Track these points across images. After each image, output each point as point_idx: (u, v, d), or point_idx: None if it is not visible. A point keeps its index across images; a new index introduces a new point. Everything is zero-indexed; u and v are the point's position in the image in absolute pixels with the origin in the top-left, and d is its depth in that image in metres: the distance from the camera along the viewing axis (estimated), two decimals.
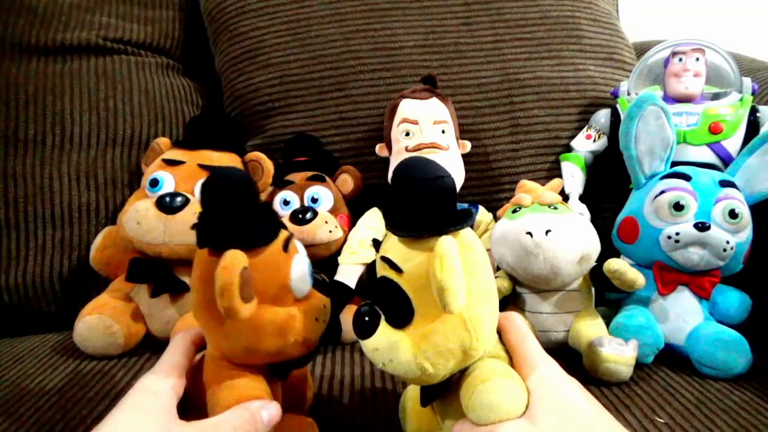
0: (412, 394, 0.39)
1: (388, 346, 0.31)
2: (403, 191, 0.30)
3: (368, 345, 0.31)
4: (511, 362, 0.33)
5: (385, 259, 0.31)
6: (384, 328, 0.31)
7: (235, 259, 0.29)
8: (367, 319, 0.31)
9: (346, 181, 0.67)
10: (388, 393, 0.46)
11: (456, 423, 0.32)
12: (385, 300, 0.32)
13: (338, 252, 0.60)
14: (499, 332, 0.35)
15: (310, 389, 0.42)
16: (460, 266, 0.28)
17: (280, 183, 0.65)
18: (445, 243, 0.28)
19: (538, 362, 0.32)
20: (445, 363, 0.30)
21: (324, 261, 0.60)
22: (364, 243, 0.60)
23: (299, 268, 0.34)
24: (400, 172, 0.30)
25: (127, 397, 0.31)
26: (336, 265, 0.59)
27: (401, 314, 0.31)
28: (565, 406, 0.30)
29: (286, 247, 0.33)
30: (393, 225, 0.31)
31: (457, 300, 0.28)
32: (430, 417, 0.37)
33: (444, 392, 0.33)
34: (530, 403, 0.30)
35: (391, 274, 0.31)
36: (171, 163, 0.59)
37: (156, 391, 0.31)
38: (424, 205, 0.30)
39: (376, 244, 0.34)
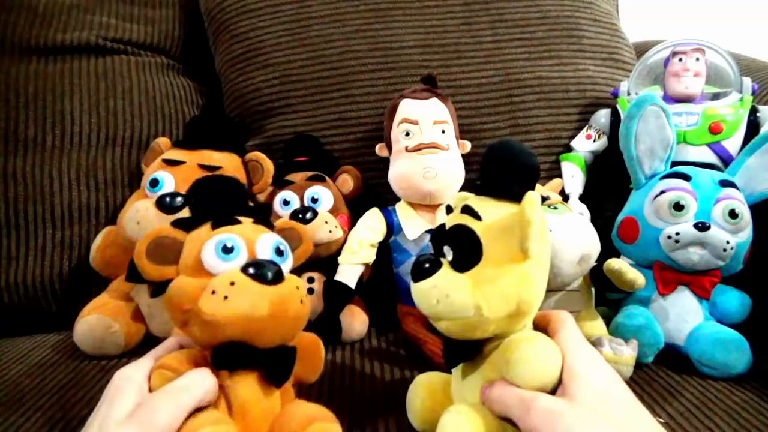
0: (424, 379, 0.40)
1: (449, 283, 0.32)
2: (500, 158, 0.34)
3: (426, 283, 0.33)
4: None
5: (466, 208, 0.34)
6: (446, 269, 0.33)
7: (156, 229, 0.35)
8: (427, 265, 0.34)
9: (346, 181, 0.67)
10: (389, 393, 0.46)
11: (486, 383, 0.33)
12: (456, 243, 0.33)
13: (338, 252, 0.60)
14: (538, 326, 0.36)
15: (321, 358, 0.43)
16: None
17: (280, 183, 0.65)
18: (535, 195, 0.30)
19: (578, 344, 0.33)
20: (499, 309, 0.32)
21: (324, 261, 0.60)
22: (364, 243, 0.60)
23: (212, 245, 0.35)
24: (501, 143, 0.35)
25: (107, 389, 0.33)
26: (336, 265, 0.59)
27: (469, 257, 0.32)
28: (603, 390, 0.30)
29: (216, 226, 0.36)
30: (484, 186, 0.34)
31: (536, 242, 0.30)
32: (443, 402, 0.37)
33: (473, 356, 0.35)
34: (567, 382, 0.30)
35: (468, 221, 0.33)
36: (171, 163, 0.59)
37: (130, 377, 0.33)
38: (517, 171, 0.34)
39: (449, 209, 0.37)
